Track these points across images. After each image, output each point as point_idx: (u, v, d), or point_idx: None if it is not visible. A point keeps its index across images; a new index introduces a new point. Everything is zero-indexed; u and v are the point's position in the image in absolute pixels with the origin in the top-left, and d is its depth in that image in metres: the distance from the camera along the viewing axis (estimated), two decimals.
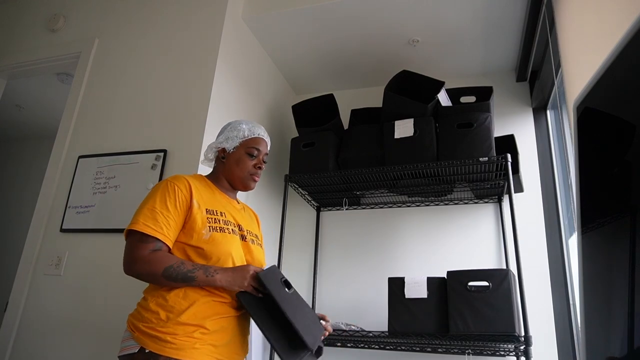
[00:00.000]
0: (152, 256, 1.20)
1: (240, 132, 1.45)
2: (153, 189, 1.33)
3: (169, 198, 1.27)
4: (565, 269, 2.11)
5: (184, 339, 1.17)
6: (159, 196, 1.28)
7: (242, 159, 1.43)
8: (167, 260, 1.20)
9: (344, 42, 2.45)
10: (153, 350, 1.15)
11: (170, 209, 1.26)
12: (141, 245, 1.21)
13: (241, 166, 1.43)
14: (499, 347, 1.84)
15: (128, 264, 1.21)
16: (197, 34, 2.19)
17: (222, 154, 1.46)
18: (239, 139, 1.44)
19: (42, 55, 2.51)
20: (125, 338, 1.22)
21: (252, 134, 1.47)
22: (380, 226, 2.51)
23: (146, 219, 1.23)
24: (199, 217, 1.29)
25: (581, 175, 0.85)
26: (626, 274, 0.66)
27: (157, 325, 1.18)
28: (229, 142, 1.44)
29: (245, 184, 1.45)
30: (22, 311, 1.94)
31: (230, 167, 1.44)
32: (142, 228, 1.21)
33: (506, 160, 1.92)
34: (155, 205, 1.26)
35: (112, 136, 2.14)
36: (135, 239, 1.23)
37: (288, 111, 2.85)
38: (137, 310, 1.26)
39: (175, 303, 1.21)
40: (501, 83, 2.57)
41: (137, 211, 1.27)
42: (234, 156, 1.44)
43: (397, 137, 2.11)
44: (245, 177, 1.44)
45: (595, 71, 0.78)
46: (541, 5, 1.92)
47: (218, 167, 1.47)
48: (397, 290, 1.88)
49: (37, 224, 2.09)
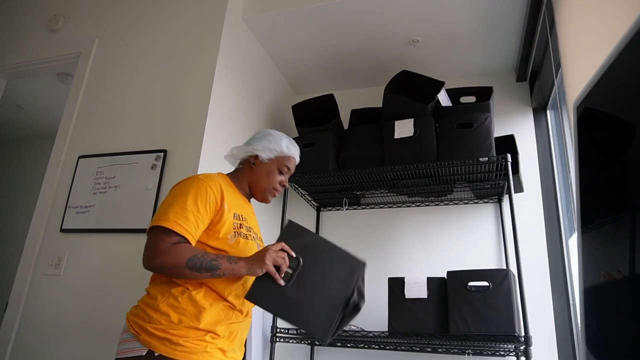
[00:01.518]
0: (173, 248, 1.17)
1: (280, 147, 1.45)
2: (183, 186, 1.29)
3: (200, 198, 1.25)
4: (565, 269, 2.11)
5: (196, 343, 1.16)
6: (192, 195, 1.25)
7: (272, 172, 1.44)
8: (190, 250, 1.17)
9: (344, 42, 2.45)
10: (164, 354, 1.12)
11: (201, 209, 1.24)
12: (164, 238, 1.18)
13: (270, 179, 1.43)
14: (499, 347, 1.84)
15: (149, 257, 1.18)
16: (197, 34, 2.19)
17: (253, 160, 1.44)
18: (277, 152, 1.44)
19: (42, 55, 2.51)
20: (126, 339, 1.18)
21: (289, 152, 1.47)
22: (380, 226, 2.51)
23: (177, 216, 1.20)
24: (228, 221, 1.29)
25: (581, 175, 0.85)
26: (626, 274, 0.66)
27: (167, 327, 1.15)
28: (265, 152, 1.43)
29: (266, 196, 1.46)
30: (22, 311, 1.94)
31: (259, 177, 1.43)
32: (173, 225, 1.18)
33: (506, 160, 1.92)
34: (187, 203, 1.23)
35: (112, 136, 2.14)
36: (159, 232, 1.19)
37: (288, 111, 2.85)
38: (142, 310, 1.21)
39: (188, 305, 1.19)
40: (501, 83, 2.57)
41: (167, 206, 1.23)
42: (266, 167, 1.43)
43: (397, 137, 2.11)
44: (269, 191, 1.45)
45: (595, 71, 0.78)
46: (541, 5, 1.92)
47: (244, 170, 1.45)
48: (397, 290, 1.88)
49: (37, 224, 2.09)
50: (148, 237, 1.22)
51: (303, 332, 2.03)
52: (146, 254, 1.19)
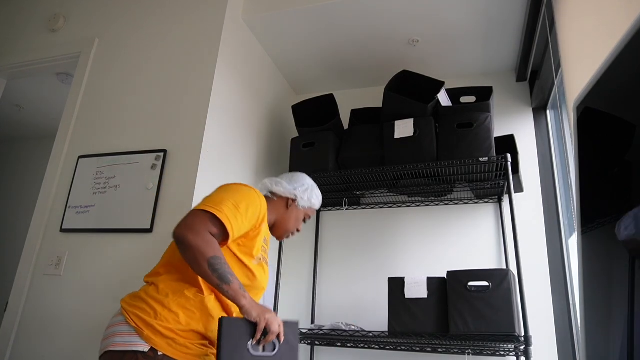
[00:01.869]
0: (209, 238, 1.16)
1: (316, 202, 1.60)
2: (239, 189, 1.32)
3: (251, 208, 1.29)
4: (565, 269, 2.11)
5: (199, 347, 1.17)
6: (245, 200, 1.29)
7: (300, 219, 1.57)
8: (219, 251, 1.17)
9: (344, 42, 2.45)
10: (168, 354, 1.11)
11: (249, 218, 1.28)
12: (209, 224, 1.18)
13: (296, 224, 1.56)
14: (499, 347, 1.84)
15: (185, 228, 1.16)
16: (197, 34, 2.19)
17: (291, 202, 1.53)
18: (310, 204, 1.57)
19: (42, 55, 2.51)
20: (124, 332, 1.14)
21: (319, 206, 1.63)
22: (380, 226, 2.51)
23: (229, 212, 1.22)
24: (259, 243, 1.33)
25: (581, 175, 0.85)
26: (626, 273, 0.66)
27: (175, 327, 1.14)
28: (304, 201, 1.54)
29: (283, 236, 1.56)
30: (22, 311, 1.94)
31: (289, 218, 1.53)
32: (224, 219, 1.19)
33: (506, 160, 1.92)
34: (241, 205, 1.26)
35: (112, 136, 2.14)
36: (207, 216, 1.19)
37: (288, 111, 2.85)
38: (147, 304, 1.17)
39: (198, 310, 1.18)
40: (501, 83, 2.57)
41: (220, 199, 1.24)
42: (298, 213, 1.55)
43: (397, 137, 2.11)
44: (289, 233, 1.56)
45: (595, 71, 0.78)
46: (541, 5, 1.92)
47: (277, 205, 1.52)
48: (397, 290, 1.88)
49: (37, 224, 2.09)
50: (193, 212, 1.21)
51: (303, 332, 2.03)
52: (183, 225, 1.17)
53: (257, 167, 2.42)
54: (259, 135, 2.48)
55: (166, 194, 1.91)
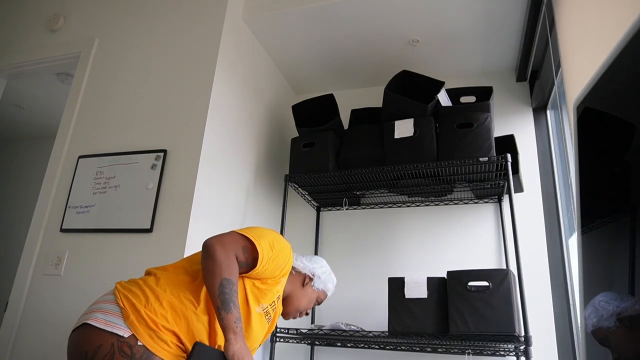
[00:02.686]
0: (234, 260, 1.20)
1: (331, 285, 1.59)
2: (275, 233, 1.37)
3: (282, 255, 1.33)
4: (565, 269, 2.11)
5: (175, 347, 1.15)
6: (279, 244, 1.33)
7: (312, 300, 1.56)
8: (236, 277, 1.19)
9: (344, 42, 2.45)
10: (147, 346, 1.08)
11: (276, 262, 1.31)
12: (240, 249, 1.23)
13: (307, 305, 1.55)
14: (499, 347, 1.84)
15: (217, 241, 1.20)
16: (197, 34, 2.19)
17: (308, 280, 1.53)
18: (326, 289, 1.57)
19: (42, 55, 2.51)
20: (110, 311, 1.12)
21: (332, 292, 1.65)
22: (380, 226, 2.51)
23: (263, 247, 1.26)
24: (273, 294, 1.35)
25: (581, 175, 0.85)
26: (626, 273, 0.66)
27: (160, 321, 1.12)
28: (320, 283, 1.55)
29: (293, 313, 1.54)
30: (22, 311, 1.94)
31: (302, 297, 1.53)
32: (260, 251, 1.24)
33: (506, 160, 1.92)
34: (275, 247, 1.30)
35: (112, 136, 2.14)
36: (244, 240, 1.24)
37: (288, 111, 2.85)
38: (141, 290, 1.17)
39: (186, 319, 1.17)
40: (501, 83, 2.58)
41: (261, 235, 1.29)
42: (312, 294, 1.54)
43: (397, 137, 2.11)
44: (299, 311, 1.54)
45: (595, 71, 0.78)
46: (541, 5, 1.92)
47: (294, 280, 1.52)
48: (397, 290, 1.88)
49: (37, 224, 2.09)
50: (232, 233, 1.25)
51: (303, 332, 2.03)
52: (218, 237, 1.22)
53: (257, 167, 2.42)
54: (259, 135, 2.48)
55: (166, 194, 1.91)
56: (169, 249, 1.79)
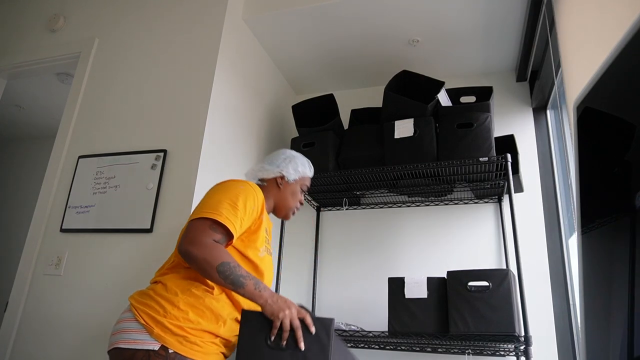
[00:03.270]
0: (214, 246, 1.17)
1: (304, 168, 1.55)
2: (233, 185, 1.31)
3: (249, 202, 1.28)
4: (565, 269, 2.11)
5: (209, 344, 1.17)
6: (242, 195, 1.27)
7: (297, 192, 1.53)
8: (226, 255, 1.17)
9: (344, 42, 2.45)
10: (179, 352, 1.11)
11: (248, 212, 1.27)
12: (210, 232, 1.18)
13: (295, 198, 1.53)
14: (499, 347, 1.84)
15: (188, 244, 1.16)
16: (197, 34, 2.19)
17: (280, 180, 1.50)
18: (301, 173, 1.53)
19: (42, 55, 2.51)
20: (133, 329, 1.14)
21: (311, 173, 1.59)
22: (380, 226, 2.51)
23: (229, 213, 1.21)
24: (262, 234, 1.33)
25: (581, 175, 0.85)
26: (626, 274, 0.66)
27: (185, 324, 1.14)
28: (291, 175, 1.50)
29: (289, 214, 1.53)
30: (22, 311, 1.94)
31: (286, 197, 1.50)
32: (225, 221, 1.19)
33: (506, 160, 1.92)
34: (238, 202, 1.25)
35: (112, 136, 2.14)
36: (205, 224, 1.19)
37: (288, 111, 2.85)
38: (155, 301, 1.17)
39: (207, 309, 1.18)
40: (501, 83, 2.57)
41: (217, 201, 1.23)
42: (292, 188, 1.51)
43: (397, 137, 2.11)
44: (292, 209, 1.53)
45: (595, 71, 0.78)
46: (541, 5, 1.92)
47: (269, 189, 1.50)
48: (397, 290, 1.88)
49: (37, 224, 2.09)
50: (193, 224, 1.20)
51: None
52: (186, 239, 1.18)
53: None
54: (259, 135, 2.48)
55: (166, 194, 1.91)
56: (169, 249, 1.79)
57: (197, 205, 1.27)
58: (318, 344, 1.11)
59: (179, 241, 1.21)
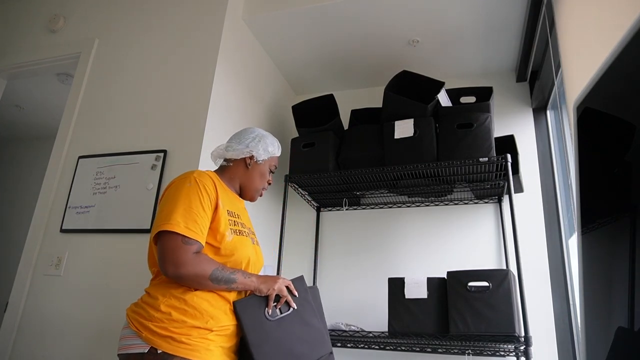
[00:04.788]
0: (198, 259, 1.18)
1: (274, 149, 1.51)
2: (181, 186, 1.27)
3: (202, 198, 1.25)
4: (565, 269, 2.11)
5: (198, 340, 1.17)
6: (193, 195, 1.24)
7: (265, 173, 1.50)
8: (211, 263, 1.21)
9: (344, 42, 2.46)
10: (167, 351, 1.13)
11: (206, 209, 1.25)
12: (186, 247, 1.18)
13: (262, 179, 1.49)
14: (499, 347, 1.84)
15: (174, 267, 1.16)
16: (197, 34, 2.19)
17: (249, 160, 1.46)
18: (269, 153, 1.50)
19: (42, 55, 2.51)
20: (127, 336, 1.19)
21: (279, 152, 1.55)
22: (380, 226, 2.51)
23: (187, 221, 1.20)
24: (223, 219, 1.29)
25: (581, 175, 0.85)
26: (626, 274, 0.66)
27: (169, 325, 1.16)
28: (259, 155, 1.46)
29: (255, 196, 1.51)
30: (22, 311, 1.94)
31: (253, 177, 1.47)
32: (185, 231, 1.18)
33: (506, 161, 1.92)
34: (192, 205, 1.23)
35: (112, 136, 2.14)
36: (178, 241, 1.18)
37: (288, 111, 2.85)
38: (142, 308, 1.21)
39: (189, 306, 1.19)
40: (501, 83, 2.58)
41: (171, 209, 1.21)
42: (260, 168, 1.48)
43: (397, 137, 2.11)
44: (259, 190, 1.51)
45: (595, 71, 0.78)
46: (541, 5, 1.92)
47: (236, 169, 1.46)
48: (397, 291, 1.88)
49: (37, 224, 2.09)
50: (166, 245, 1.19)
51: None
52: (169, 262, 1.17)
53: None
54: None
55: None
56: None
57: (157, 215, 1.26)
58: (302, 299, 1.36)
59: (159, 262, 1.20)
